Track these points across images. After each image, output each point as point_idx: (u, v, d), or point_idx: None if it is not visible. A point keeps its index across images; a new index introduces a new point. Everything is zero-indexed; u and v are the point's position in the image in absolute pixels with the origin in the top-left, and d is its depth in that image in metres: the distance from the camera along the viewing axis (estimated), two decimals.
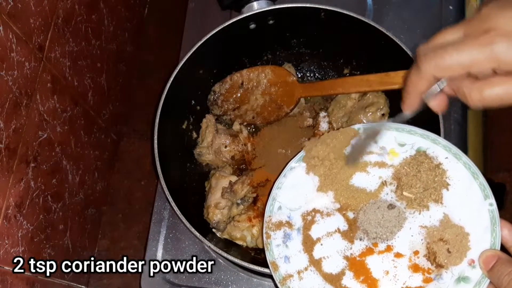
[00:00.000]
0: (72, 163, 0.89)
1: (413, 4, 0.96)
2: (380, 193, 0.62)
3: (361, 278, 0.59)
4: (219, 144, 0.83)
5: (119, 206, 1.10)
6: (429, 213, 0.59)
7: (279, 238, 0.63)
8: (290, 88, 0.83)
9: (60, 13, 0.79)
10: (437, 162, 0.60)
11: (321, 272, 0.60)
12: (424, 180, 0.60)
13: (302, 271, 0.61)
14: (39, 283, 0.78)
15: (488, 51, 0.41)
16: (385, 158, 0.63)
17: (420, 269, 0.58)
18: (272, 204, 0.65)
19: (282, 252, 0.62)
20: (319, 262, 0.61)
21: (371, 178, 0.63)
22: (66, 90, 0.84)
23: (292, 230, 0.63)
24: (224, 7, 0.87)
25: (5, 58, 0.65)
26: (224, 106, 0.86)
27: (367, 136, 0.63)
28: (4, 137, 0.66)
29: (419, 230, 0.59)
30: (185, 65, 0.77)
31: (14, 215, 0.70)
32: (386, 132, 0.63)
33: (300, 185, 0.65)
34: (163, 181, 0.71)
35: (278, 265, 0.61)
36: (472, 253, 0.55)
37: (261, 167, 0.82)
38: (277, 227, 0.64)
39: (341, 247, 0.61)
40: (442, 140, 0.61)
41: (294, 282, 0.60)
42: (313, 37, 0.86)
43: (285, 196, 0.65)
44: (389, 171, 0.63)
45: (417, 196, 0.60)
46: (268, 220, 0.64)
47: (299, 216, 0.64)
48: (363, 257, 0.60)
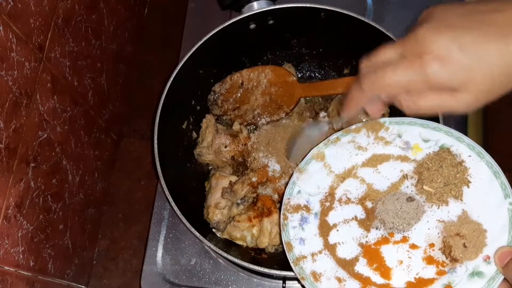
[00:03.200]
0: (72, 163, 0.89)
1: (413, 4, 0.96)
2: (401, 186, 0.63)
3: (374, 265, 0.60)
4: (219, 144, 0.83)
5: (119, 206, 1.10)
6: (448, 208, 0.59)
7: (296, 221, 0.64)
8: (290, 88, 0.83)
9: (60, 13, 0.79)
10: (460, 160, 0.60)
11: (335, 256, 0.61)
12: (445, 176, 0.60)
13: (316, 254, 0.62)
14: (39, 283, 0.78)
15: (422, 73, 0.45)
16: (408, 152, 0.64)
17: (435, 261, 0.58)
18: (292, 188, 0.65)
19: (297, 234, 0.63)
20: (334, 247, 0.62)
21: (392, 171, 0.64)
22: (66, 90, 0.84)
23: (310, 214, 0.64)
24: (224, 7, 0.87)
25: (5, 58, 0.64)
26: (224, 106, 0.86)
27: (309, 135, 0.66)
28: (4, 137, 0.66)
29: (436, 224, 0.60)
30: (185, 65, 0.77)
31: (14, 215, 0.70)
32: (411, 127, 0.63)
33: (321, 172, 0.66)
34: (163, 181, 0.71)
35: (292, 246, 0.62)
36: (488, 249, 0.55)
37: (261, 167, 0.82)
38: (295, 210, 0.64)
39: (357, 235, 0.62)
40: (466, 139, 0.61)
41: (307, 263, 0.61)
42: (313, 37, 0.86)
43: (305, 181, 0.65)
44: (411, 165, 0.63)
45: (437, 191, 0.60)
46: (287, 202, 0.65)
47: (317, 201, 0.65)
48: (378, 245, 0.61)
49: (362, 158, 0.65)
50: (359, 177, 0.65)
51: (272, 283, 0.82)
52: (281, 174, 0.82)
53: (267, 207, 0.77)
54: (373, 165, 0.65)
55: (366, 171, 0.65)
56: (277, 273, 0.67)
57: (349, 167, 0.65)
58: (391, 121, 0.64)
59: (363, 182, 0.64)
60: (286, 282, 0.80)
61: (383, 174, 0.64)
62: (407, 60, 0.46)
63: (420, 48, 0.45)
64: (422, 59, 0.45)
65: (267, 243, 0.75)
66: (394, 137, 0.64)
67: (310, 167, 0.66)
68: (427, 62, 0.44)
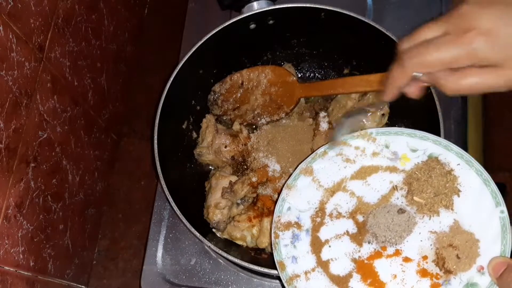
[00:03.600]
0: (72, 163, 0.88)
1: (413, 4, 0.96)
2: (391, 198, 0.62)
3: (368, 281, 0.59)
4: (219, 144, 0.83)
5: (119, 206, 1.10)
6: (439, 218, 0.59)
7: (288, 238, 0.63)
8: (290, 88, 0.83)
9: (60, 13, 0.79)
10: (449, 168, 0.60)
11: (328, 273, 0.61)
12: (435, 186, 0.60)
13: (309, 272, 0.61)
14: (39, 283, 0.78)
15: (468, 49, 0.44)
16: (397, 163, 0.63)
17: (429, 274, 0.58)
18: (281, 205, 0.65)
19: (290, 252, 0.63)
20: (327, 263, 0.61)
21: (382, 183, 0.63)
22: (66, 90, 0.84)
23: (301, 231, 0.64)
24: (224, 7, 0.88)
25: (5, 58, 0.64)
26: (224, 106, 0.86)
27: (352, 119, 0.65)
28: (4, 137, 0.66)
29: (428, 235, 0.59)
30: (185, 65, 0.77)
31: (14, 215, 0.70)
32: (398, 137, 0.64)
33: (310, 187, 0.65)
34: (163, 181, 0.71)
35: (285, 265, 0.62)
36: (481, 259, 0.55)
37: (261, 167, 0.82)
38: (286, 228, 0.64)
39: (349, 250, 0.61)
40: (454, 147, 0.61)
41: (300, 282, 0.61)
42: (313, 37, 0.85)
43: (294, 197, 0.65)
44: (400, 176, 0.63)
45: (428, 202, 0.60)
46: (277, 220, 0.64)
47: (308, 217, 0.64)
48: (371, 260, 0.60)
49: (350, 171, 0.65)
50: (348, 190, 0.65)
51: (272, 283, 0.82)
52: (281, 174, 0.82)
53: (267, 207, 0.77)
54: (362, 177, 0.64)
55: (355, 183, 0.64)
56: (277, 273, 0.67)
57: (338, 180, 0.65)
58: (378, 131, 0.64)
59: (353, 195, 0.64)
60: None
61: (372, 186, 0.64)
62: (451, 36, 0.45)
63: (464, 23, 0.44)
64: (467, 34, 0.44)
65: (267, 243, 0.75)
66: (382, 147, 0.64)
67: (299, 183, 0.66)
68: (473, 37, 0.44)
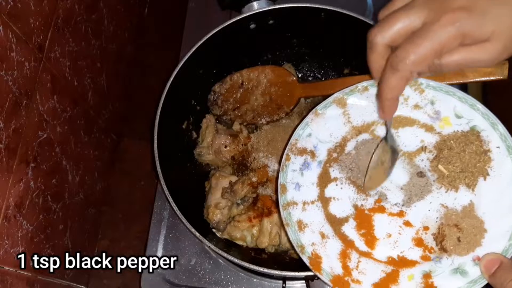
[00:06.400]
0: (72, 163, 0.88)
1: None
2: (415, 157, 0.59)
3: (362, 231, 0.57)
4: (219, 144, 0.83)
5: (119, 206, 1.09)
6: (456, 195, 0.56)
7: (298, 164, 0.61)
8: (290, 88, 0.83)
9: (60, 13, 0.79)
10: (486, 148, 0.55)
11: (326, 211, 0.59)
12: (465, 162, 0.55)
13: (308, 203, 0.59)
14: (39, 283, 0.78)
15: (454, 28, 0.44)
16: (436, 124, 0.59)
17: (423, 245, 0.56)
18: (303, 128, 0.61)
19: (295, 178, 0.60)
20: (328, 200, 0.59)
21: (413, 139, 0.59)
22: (66, 90, 0.84)
23: (313, 161, 0.61)
24: (224, 7, 0.88)
25: (5, 58, 0.64)
26: (224, 106, 0.86)
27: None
28: (4, 137, 0.66)
29: (438, 208, 0.56)
30: (185, 65, 0.77)
31: (14, 215, 0.70)
32: (448, 97, 0.57)
33: (338, 119, 0.61)
34: (163, 181, 0.71)
35: (287, 189, 0.59)
36: (481, 250, 0.53)
37: (261, 167, 0.82)
38: (300, 153, 0.61)
39: (354, 195, 0.59)
40: (501, 127, 0.55)
41: (296, 210, 0.59)
42: (313, 37, 0.86)
43: (319, 125, 0.61)
44: (433, 138, 0.59)
45: (451, 175, 0.56)
46: (294, 143, 0.61)
47: (325, 149, 0.61)
48: (373, 212, 0.58)
49: None
50: (375, 135, 0.60)
51: (272, 283, 0.82)
52: None
53: (267, 207, 0.77)
54: (395, 126, 0.59)
55: (384, 131, 0.59)
56: (277, 273, 0.67)
57: (368, 121, 0.61)
58: (429, 84, 0.58)
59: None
60: (286, 282, 0.80)
61: (402, 139, 0.59)
62: (433, 21, 0.44)
63: (443, 4, 0.44)
64: (449, 14, 0.43)
65: (267, 243, 0.75)
66: (427, 102, 0.58)
67: (328, 111, 0.61)
68: (455, 15, 0.43)
